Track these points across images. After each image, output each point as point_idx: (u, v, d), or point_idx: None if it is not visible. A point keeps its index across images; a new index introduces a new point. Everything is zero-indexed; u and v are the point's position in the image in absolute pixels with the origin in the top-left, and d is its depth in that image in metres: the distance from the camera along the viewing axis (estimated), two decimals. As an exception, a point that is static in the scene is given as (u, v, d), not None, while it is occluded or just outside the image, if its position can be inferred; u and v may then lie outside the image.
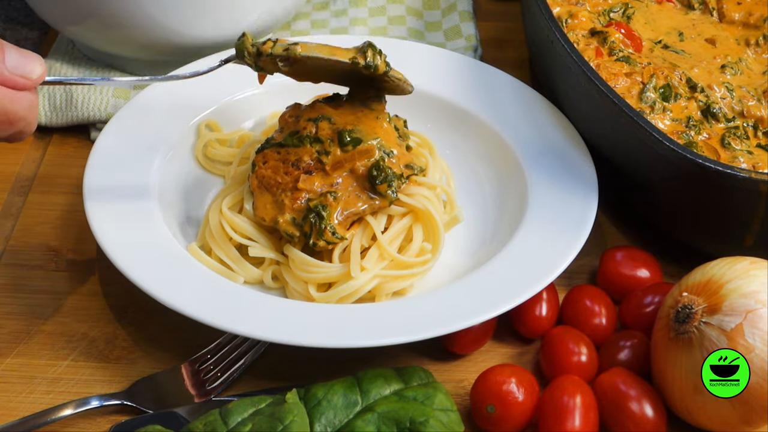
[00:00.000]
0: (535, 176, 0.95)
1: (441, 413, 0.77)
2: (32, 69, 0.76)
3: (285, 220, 0.88)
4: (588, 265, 0.95)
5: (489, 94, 1.04)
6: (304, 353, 0.82)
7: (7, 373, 0.85)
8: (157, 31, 1.04)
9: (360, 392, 0.79)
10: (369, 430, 0.76)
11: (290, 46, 0.86)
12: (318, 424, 0.76)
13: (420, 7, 1.23)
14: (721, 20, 1.10)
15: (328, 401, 0.77)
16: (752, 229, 0.86)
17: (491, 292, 0.84)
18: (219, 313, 0.81)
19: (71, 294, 0.92)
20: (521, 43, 1.18)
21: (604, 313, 0.88)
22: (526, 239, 0.89)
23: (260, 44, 0.86)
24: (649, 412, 0.79)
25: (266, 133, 0.99)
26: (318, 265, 0.87)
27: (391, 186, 0.88)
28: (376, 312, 0.83)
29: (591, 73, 0.92)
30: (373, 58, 0.87)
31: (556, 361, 0.84)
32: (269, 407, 0.77)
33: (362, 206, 0.88)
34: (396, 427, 0.76)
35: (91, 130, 1.08)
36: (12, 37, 1.23)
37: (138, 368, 0.86)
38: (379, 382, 0.79)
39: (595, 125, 0.96)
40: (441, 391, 0.79)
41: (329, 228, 0.86)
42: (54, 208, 1.00)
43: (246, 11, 1.06)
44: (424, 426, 0.76)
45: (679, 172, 0.86)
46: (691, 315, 0.78)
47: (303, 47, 0.86)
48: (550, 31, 0.96)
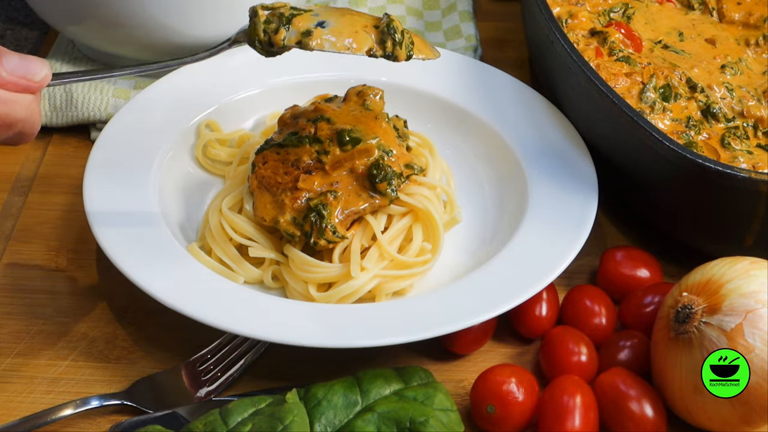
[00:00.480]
0: (535, 176, 0.95)
1: (441, 413, 0.77)
2: (34, 71, 0.75)
3: (285, 219, 0.88)
4: (588, 265, 0.95)
5: (489, 94, 1.04)
6: (304, 353, 0.82)
7: (7, 373, 0.85)
8: (157, 31, 1.04)
9: (360, 392, 0.79)
10: (369, 430, 0.76)
11: (303, 40, 0.82)
12: (318, 424, 0.76)
13: (420, 7, 1.23)
14: (721, 20, 1.10)
15: (328, 401, 0.77)
16: (752, 229, 0.86)
17: (491, 292, 0.84)
18: (219, 313, 0.81)
19: (71, 294, 0.92)
20: (521, 43, 1.18)
21: (604, 313, 0.88)
22: (526, 239, 0.89)
23: (273, 33, 0.84)
24: (649, 412, 0.79)
25: (266, 134, 0.99)
26: (318, 265, 0.87)
27: (391, 184, 0.88)
28: (376, 312, 0.83)
29: (591, 73, 0.92)
30: (392, 49, 0.83)
31: (556, 361, 0.84)
32: (269, 407, 0.77)
33: (362, 205, 0.88)
34: (396, 427, 0.76)
35: (91, 130, 1.08)
36: (12, 36, 1.23)
37: (138, 368, 0.86)
38: (379, 382, 0.79)
39: (595, 125, 0.96)
40: (441, 391, 0.79)
41: (330, 227, 0.86)
42: (54, 208, 1.00)
43: (246, 11, 1.06)
44: (424, 426, 0.76)
45: (679, 172, 0.86)
46: (691, 315, 0.78)
47: (317, 41, 0.81)
48: (550, 31, 0.96)
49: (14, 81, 0.74)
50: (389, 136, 0.91)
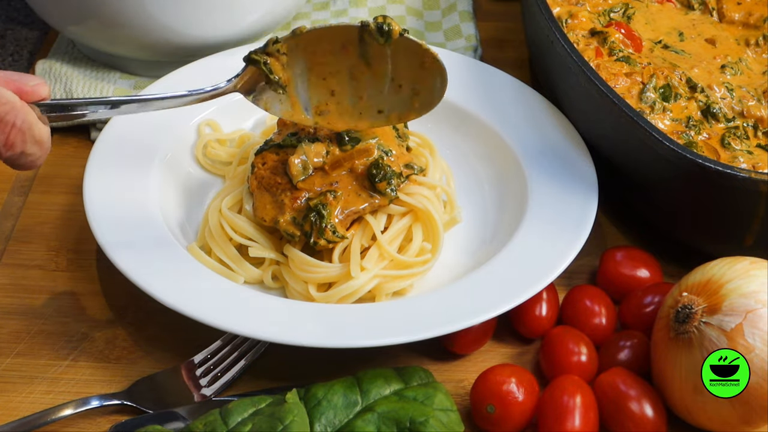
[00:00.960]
0: (535, 176, 0.95)
1: (441, 413, 0.77)
2: (27, 79, 0.75)
3: (285, 219, 0.88)
4: (588, 265, 0.95)
5: (489, 94, 1.04)
6: (304, 353, 0.82)
7: (7, 373, 0.86)
8: (157, 31, 1.04)
9: (360, 392, 0.79)
10: (369, 430, 0.76)
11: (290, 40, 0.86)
12: (318, 424, 0.76)
13: (420, 7, 1.23)
14: (721, 20, 1.10)
15: (328, 401, 0.77)
16: (752, 229, 0.86)
17: (491, 292, 0.84)
18: (219, 313, 0.81)
19: (71, 294, 0.92)
20: (521, 43, 1.18)
21: (604, 313, 0.88)
22: (526, 239, 0.89)
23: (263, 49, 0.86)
24: (649, 412, 0.79)
25: (266, 134, 0.99)
26: (318, 265, 0.87)
27: (390, 184, 0.88)
28: (376, 312, 0.83)
29: (591, 73, 0.92)
30: (384, 21, 0.84)
31: (556, 361, 0.84)
32: (269, 407, 0.77)
33: (362, 205, 0.88)
34: (396, 427, 0.76)
35: (91, 130, 1.08)
36: (12, 37, 1.23)
37: (138, 368, 0.86)
38: (379, 382, 0.79)
39: (595, 125, 0.96)
40: (441, 391, 0.79)
41: (330, 227, 0.86)
42: (54, 208, 1.00)
43: (246, 11, 1.06)
44: (424, 426, 0.76)
45: (679, 172, 0.86)
46: (691, 315, 0.78)
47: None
48: (550, 31, 0.96)
49: (4, 77, 0.73)
50: (388, 136, 0.91)
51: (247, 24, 1.07)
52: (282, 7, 1.09)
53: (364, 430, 0.76)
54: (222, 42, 1.07)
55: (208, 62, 1.05)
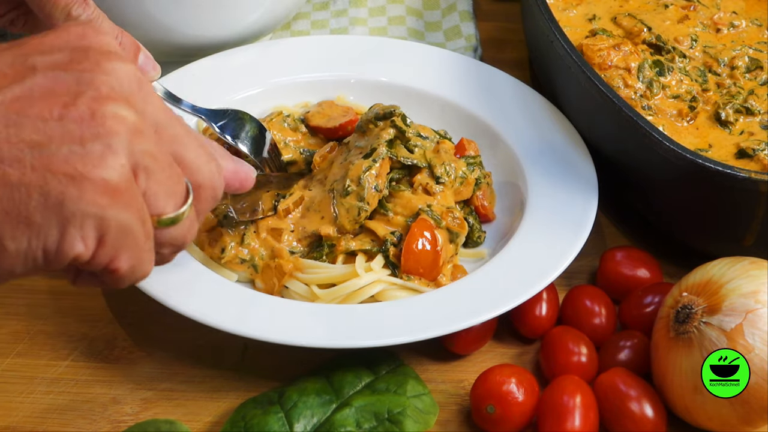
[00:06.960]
0: (535, 176, 0.95)
1: (415, 400, 0.79)
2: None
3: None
4: (588, 265, 0.95)
5: (489, 94, 1.04)
6: (303, 353, 0.81)
7: (7, 373, 0.86)
8: (157, 31, 1.04)
9: (332, 390, 0.80)
10: (348, 423, 0.77)
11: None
12: (297, 424, 0.77)
13: (420, 7, 1.23)
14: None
15: (303, 402, 0.79)
16: (752, 229, 0.86)
17: (491, 292, 0.84)
18: (219, 313, 0.81)
19: (71, 294, 0.92)
20: (521, 43, 1.18)
21: (604, 313, 0.88)
22: (526, 239, 0.89)
23: None
24: (649, 412, 0.79)
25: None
26: (320, 266, 0.87)
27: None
28: (376, 312, 0.83)
29: (591, 73, 0.92)
30: None
31: (556, 361, 0.84)
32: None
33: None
34: (375, 419, 0.77)
35: (91, 130, 1.08)
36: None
37: (138, 368, 0.86)
38: (349, 378, 0.81)
39: (595, 125, 0.96)
40: (411, 376, 0.81)
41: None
42: (54, 208, 1.00)
43: (246, 11, 1.06)
44: (403, 415, 0.77)
45: (679, 172, 0.86)
46: (691, 315, 0.78)
47: None
48: (550, 31, 0.96)
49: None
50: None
51: (247, 24, 1.07)
52: (282, 6, 1.09)
53: (344, 424, 0.77)
54: (222, 42, 1.07)
55: (208, 62, 1.05)
